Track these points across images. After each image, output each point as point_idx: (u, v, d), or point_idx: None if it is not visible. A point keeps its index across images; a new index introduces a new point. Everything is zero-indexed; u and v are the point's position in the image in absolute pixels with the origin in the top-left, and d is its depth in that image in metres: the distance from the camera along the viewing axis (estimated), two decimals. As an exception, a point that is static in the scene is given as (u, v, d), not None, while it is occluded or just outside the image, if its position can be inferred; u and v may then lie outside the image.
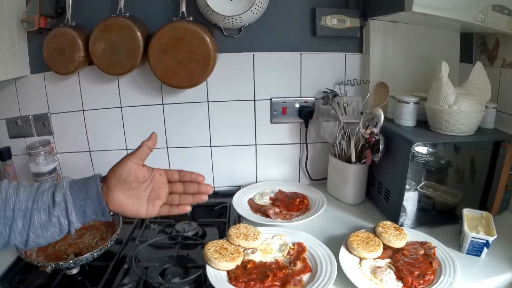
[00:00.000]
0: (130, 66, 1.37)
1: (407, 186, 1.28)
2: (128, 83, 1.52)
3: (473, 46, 1.63)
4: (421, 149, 1.27)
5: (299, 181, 1.69)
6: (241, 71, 1.54)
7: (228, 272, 1.04)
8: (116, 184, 0.84)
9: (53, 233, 0.82)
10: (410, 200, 1.30)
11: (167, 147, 1.59)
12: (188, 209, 0.91)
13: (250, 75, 1.55)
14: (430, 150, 1.28)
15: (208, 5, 1.31)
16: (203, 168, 1.64)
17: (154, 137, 0.87)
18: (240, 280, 1.00)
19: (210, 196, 1.57)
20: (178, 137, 1.59)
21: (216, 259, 1.04)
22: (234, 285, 0.99)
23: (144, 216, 0.88)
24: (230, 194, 1.52)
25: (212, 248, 1.09)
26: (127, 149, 1.59)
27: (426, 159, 1.29)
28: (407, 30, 1.55)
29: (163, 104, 1.55)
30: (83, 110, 1.55)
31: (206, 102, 1.56)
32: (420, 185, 1.31)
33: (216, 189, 1.66)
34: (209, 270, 1.03)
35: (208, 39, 1.35)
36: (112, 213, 0.85)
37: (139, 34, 1.32)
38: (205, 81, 1.47)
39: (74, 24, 1.40)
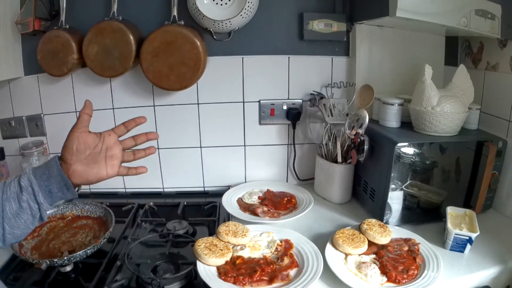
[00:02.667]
0: (122, 69, 1.40)
1: (393, 186, 1.32)
2: (120, 85, 1.55)
3: (458, 49, 1.68)
4: (408, 150, 1.31)
5: (287, 181, 1.73)
6: (231, 74, 1.57)
7: (218, 267, 1.07)
8: (71, 157, 0.88)
9: (26, 220, 0.85)
10: (396, 199, 1.34)
11: (158, 148, 1.62)
12: (145, 170, 0.97)
13: (239, 78, 1.58)
14: (416, 151, 1.32)
15: (199, 10, 1.35)
16: (193, 168, 1.67)
17: (88, 104, 0.91)
18: (230, 275, 1.03)
19: (200, 196, 1.63)
20: (169, 138, 1.62)
21: (206, 255, 1.07)
22: (223, 279, 1.02)
23: (106, 178, 0.93)
24: (219, 194, 1.55)
25: (202, 244, 1.12)
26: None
27: (412, 159, 1.33)
28: (393, 34, 1.59)
29: (154, 106, 1.58)
30: (76, 111, 1.57)
31: (197, 104, 1.59)
32: (406, 184, 1.35)
33: (206, 188, 1.70)
34: (200, 266, 1.06)
35: (198, 43, 1.39)
36: (77, 189, 0.90)
37: (131, 37, 1.35)
38: (196, 84, 1.51)
39: (68, 26, 1.43)
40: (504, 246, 1.23)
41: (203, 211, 1.53)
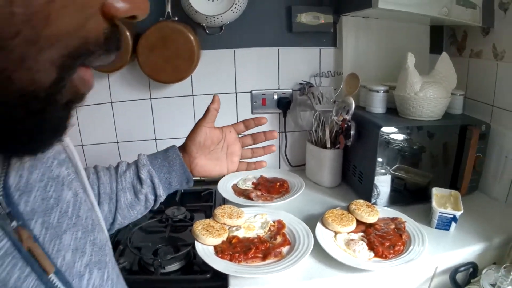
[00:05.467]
0: (120, 64, 1.45)
1: (382, 170, 1.38)
2: (118, 80, 1.60)
3: (444, 38, 1.74)
4: (396, 136, 1.36)
5: (279, 167, 1.79)
6: (223, 66, 1.63)
7: (215, 246, 1.13)
8: (197, 151, 0.89)
9: (138, 211, 0.86)
10: (384, 182, 1.40)
11: (155, 139, 1.68)
12: (264, 164, 1.01)
13: (232, 70, 1.65)
14: (404, 136, 1.37)
15: (191, 6, 1.41)
16: None
17: (217, 99, 0.93)
18: (226, 253, 1.10)
19: (196, 184, 1.68)
20: (165, 129, 1.68)
21: (204, 235, 1.14)
22: (220, 257, 1.09)
23: (226, 173, 0.97)
24: (215, 181, 1.59)
25: (200, 226, 1.18)
26: (117, 142, 1.67)
27: (400, 145, 1.38)
28: (378, 24, 1.65)
29: (151, 98, 1.63)
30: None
31: (191, 95, 1.65)
32: (393, 167, 1.40)
33: (202, 177, 1.75)
34: (198, 246, 1.13)
35: (192, 37, 1.45)
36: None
37: (128, 34, 1.41)
38: (190, 76, 1.57)
39: None
40: (489, 224, 1.29)
41: (200, 197, 1.60)
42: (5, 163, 0.39)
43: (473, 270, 1.17)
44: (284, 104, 1.68)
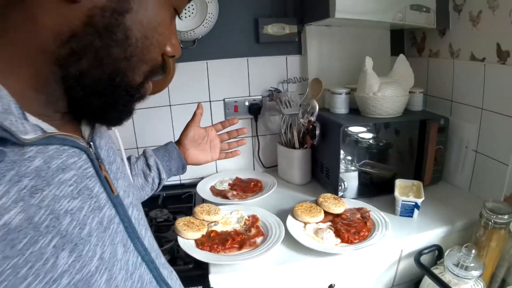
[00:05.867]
0: None
1: (349, 166, 1.51)
2: None
3: (405, 40, 1.90)
4: (360, 134, 1.49)
5: (254, 169, 1.91)
6: (197, 77, 1.74)
7: (196, 240, 1.24)
8: (189, 144, 1.19)
9: (145, 192, 1.12)
10: (351, 177, 1.52)
11: (137, 147, 1.77)
12: (239, 153, 1.34)
13: (205, 80, 1.76)
14: (367, 133, 1.50)
15: (164, 22, 1.52)
16: None
17: (200, 106, 1.23)
18: (206, 245, 1.21)
19: (177, 188, 1.78)
20: (146, 138, 1.76)
21: (185, 230, 1.25)
22: (200, 249, 1.20)
23: (211, 161, 1.26)
24: (194, 184, 1.71)
25: (181, 222, 1.29)
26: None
27: (364, 142, 1.51)
28: (340, 31, 1.78)
29: None
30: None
31: (169, 105, 1.75)
32: (360, 163, 1.52)
33: (182, 181, 1.85)
34: (180, 240, 1.23)
35: (165, 51, 1.56)
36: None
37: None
38: (167, 88, 1.67)
39: None
40: (452, 210, 1.41)
41: (181, 200, 1.69)
42: (91, 127, 0.60)
43: (438, 252, 1.28)
44: (255, 110, 1.80)
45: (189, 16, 1.57)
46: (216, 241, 1.24)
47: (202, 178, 1.79)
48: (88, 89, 0.50)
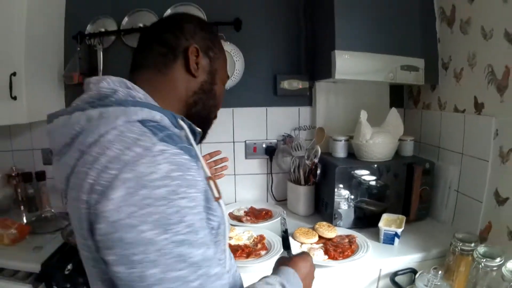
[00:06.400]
0: None
1: (345, 202, 1.76)
2: None
3: (404, 94, 2.19)
4: (354, 174, 1.73)
5: (267, 201, 2.21)
6: (224, 121, 2.09)
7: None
8: None
9: None
10: (348, 211, 1.78)
11: None
12: (223, 175, 1.54)
13: (231, 124, 2.12)
14: (360, 174, 1.74)
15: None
16: None
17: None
18: (220, 253, 1.53)
19: None
20: None
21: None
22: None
23: None
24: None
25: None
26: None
27: (359, 181, 1.74)
28: (344, 87, 2.09)
29: None
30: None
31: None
32: (355, 199, 1.77)
33: None
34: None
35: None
36: None
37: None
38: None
39: None
40: (430, 240, 1.61)
41: None
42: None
43: (414, 275, 1.46)
44: (270, 151, 2.14)
45: (221, 72, 1.95)
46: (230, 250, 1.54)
47: (223, 206, 2.09)
48: (200, 120, 0.89)
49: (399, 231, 1.60)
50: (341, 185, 1.76)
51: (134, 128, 0.67)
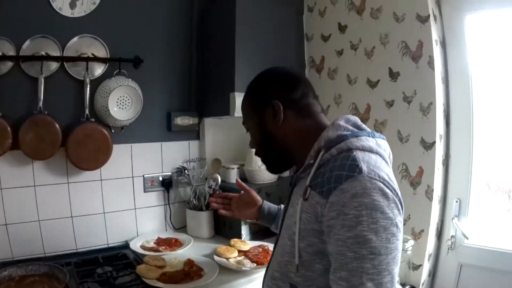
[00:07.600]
0: (50, 153, 1.83)
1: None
2: (42, 166, 1.90)
3: None
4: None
5: (166, 230, 2.32)
6: (123, 156, 2.14)
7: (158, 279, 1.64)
8: None
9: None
10: (247, 227, 2.10)
11: (71, 216, 2.00)
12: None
13: (129, 159, 2.18)
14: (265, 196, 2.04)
15: (109, 113, 1.94)
16: (100, 230, 2.10)
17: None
18: (173, 281, 1.63)
19: (108, 250, 2.03)
20: (80, 207, 2.02)
21: (148, 271, 1.66)
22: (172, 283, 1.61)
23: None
24: (121, 246, 2.07)
25: (142, 267, 1.68)
26: (39, 221, 1.91)
27: None
28: (230, 120, 2.32)
29: (68, 183, 1.98)
30: (1, 189, 1.82)
31: (100, 180, 2.08)
32: None
33: (109, 245, 2.12)
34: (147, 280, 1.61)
35: (108, 135, 1.97)
36: None
37: (59, 129, 1.82)
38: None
39: (1, 114, 1.74)
40: None
41: (118, 258, 1.94)
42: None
43: None
44: (167, 184, 2.29)
45: (125, 108, 2.02)
46: (179, 278, 1.64)
47: (126, 241, 2.13)
48: (287, 156, 1.17)
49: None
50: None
51: None
